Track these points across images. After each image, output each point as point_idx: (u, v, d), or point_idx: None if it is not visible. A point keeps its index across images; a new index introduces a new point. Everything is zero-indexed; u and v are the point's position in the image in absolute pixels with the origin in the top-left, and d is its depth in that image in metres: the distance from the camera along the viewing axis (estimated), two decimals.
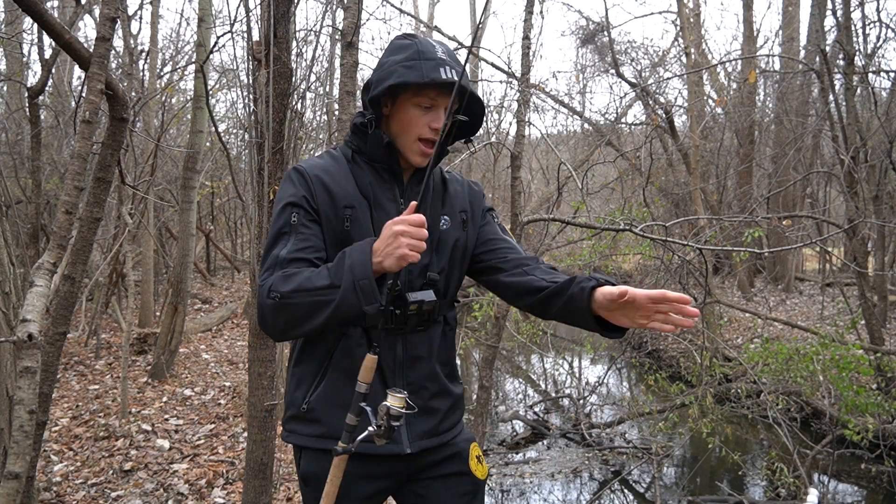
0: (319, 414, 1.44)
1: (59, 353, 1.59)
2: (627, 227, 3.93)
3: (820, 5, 7.26)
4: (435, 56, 1.38)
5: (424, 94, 1.38)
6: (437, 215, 1.48)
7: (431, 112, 1.40)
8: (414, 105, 1.40)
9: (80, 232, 1.55)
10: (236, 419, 5.05)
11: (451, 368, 1.56)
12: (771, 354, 5.14)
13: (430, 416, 1.49)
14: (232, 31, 3.14)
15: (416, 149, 1.42)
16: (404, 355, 1.45)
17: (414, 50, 1.39)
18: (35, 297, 1.21)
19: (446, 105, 1.39)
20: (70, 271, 1.56)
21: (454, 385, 1.56)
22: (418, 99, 1.39)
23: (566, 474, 5.16)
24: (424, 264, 1.44)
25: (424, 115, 1.40)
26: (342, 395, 1.41)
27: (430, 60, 1.37)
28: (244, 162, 10.91)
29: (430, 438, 1.49)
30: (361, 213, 1.42)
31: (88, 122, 1.32)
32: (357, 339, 1.43)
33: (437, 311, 1.47)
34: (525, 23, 3.98)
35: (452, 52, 1.44)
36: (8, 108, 9.22)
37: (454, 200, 1.53)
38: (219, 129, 9.69)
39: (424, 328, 1.47)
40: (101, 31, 1.37)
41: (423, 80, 1.34)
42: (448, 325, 1.54)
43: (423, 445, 1.47)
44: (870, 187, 6.58)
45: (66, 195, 1.34)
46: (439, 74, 1.35)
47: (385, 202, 1.44)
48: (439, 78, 1.34)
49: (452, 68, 1.38)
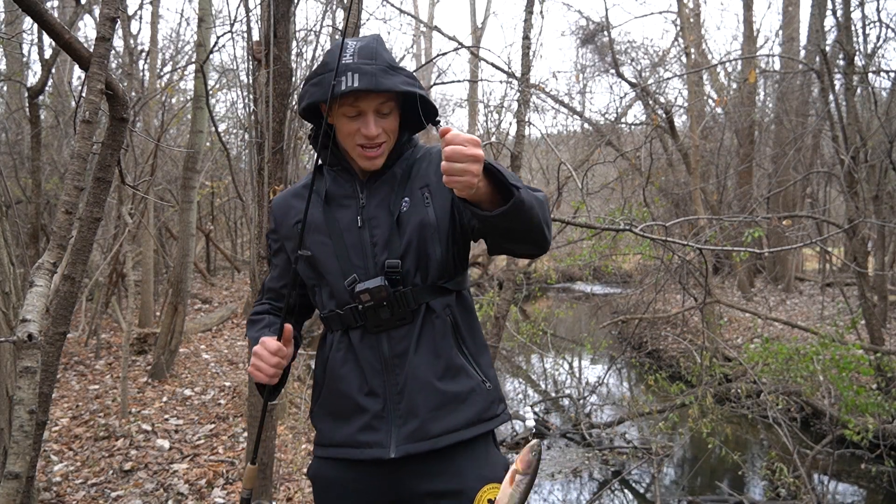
0: (316, 420, 1.49)
1: (59, 353, 1.59)
2: (627, 227, 3.92)
3: (820, 5, 7.26)
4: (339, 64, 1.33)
5: (344, 104, 1.35)
6: (399, 199, 1.43)
7: (360, 118, 1.37)
8: (341, 115, 1.38)
9: (80, 232, 1.55)
10: (236, 419, 5.05)
11: (447, 362, 1.39)
12: (771, 354, 5.15)
13: (419, 416, 1.37)
14: (232, 31, 3.14)
15: (359, 155, 1.40)
16: (390, 353, 1.39)
17: (321, 63, 1.38)
18: (35, 297, 1.21)
19: (376, 106, 1.36)
20: (70, 271, 1.56)
21: (448, 382, 1.38)
22: (343, 110, 1.36)
23: (566, 474, 5.16)
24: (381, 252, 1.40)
25: (353, 123, 1.37)
26: (331, 402, 1.45)
27: (332, 71, 1.33)
28: (244, 162, 10.92)
29: (418, 442, 1.36)
30: (315, 219, 1.44)
31: (88, 122, 1.32)
32: (337, 343, 1.44)
33: (411, 299, 1.38)
34: (525, 23, 3.98)
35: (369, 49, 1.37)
36: (8, 108, 9.22)
37: (417, 179, 1.45)
38: (219, 129, 9.70)
39: (409, 320, 1.38)
40: (101, 31, 1.37)
41: (326, 95, 1.31)
42: (434, 313, 1.39)
43: (409, 450, 1.35)
44: (870, 187, 6.58)
45: (66, 195, 1.34)
46: (339, 86, 1.31)
47: (342, 199, 1.45)
48: (339, 90, 1.31)
49: (356, 73, 1.31)
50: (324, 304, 1.47)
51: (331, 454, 1.44)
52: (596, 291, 13.51)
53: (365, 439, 1.38)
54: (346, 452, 1.41)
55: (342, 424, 1.42)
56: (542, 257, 14.04)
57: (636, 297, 9.61)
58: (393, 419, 1.37)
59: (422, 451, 1.36)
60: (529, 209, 1.22)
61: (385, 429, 1.38)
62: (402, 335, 1.39)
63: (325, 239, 1.43)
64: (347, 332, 1.42)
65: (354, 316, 1.40)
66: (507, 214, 1.19)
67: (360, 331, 1.41)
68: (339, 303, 1.43)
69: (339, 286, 1.42)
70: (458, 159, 1.12)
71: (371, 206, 1.42)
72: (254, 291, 2.81)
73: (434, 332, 1.39)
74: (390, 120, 1.40)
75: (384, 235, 1.40)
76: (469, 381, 1.40)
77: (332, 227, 1.43)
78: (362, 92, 1.32)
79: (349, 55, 1.34)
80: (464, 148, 1.12)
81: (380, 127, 1.37)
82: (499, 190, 1.22)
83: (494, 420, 1.43)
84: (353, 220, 1.42)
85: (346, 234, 1.42)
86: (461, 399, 1.39)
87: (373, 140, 1.37)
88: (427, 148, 1.52)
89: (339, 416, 1.43)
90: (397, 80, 1.35)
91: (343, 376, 1.42)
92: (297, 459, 4.25)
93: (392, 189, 1.44)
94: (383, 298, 1.36)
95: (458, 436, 1.37)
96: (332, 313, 1.45)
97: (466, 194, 1.17)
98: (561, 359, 9.24)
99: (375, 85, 1.31)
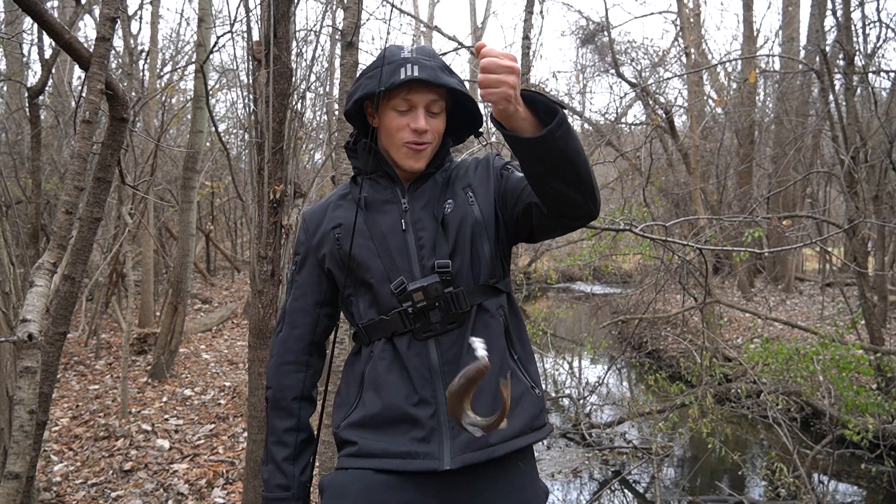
0: (349, 435, 1.37)
1: (59, 353, 1.59)
2: (627, 227, 3.92)
3: (820, 5, 7.26)
4: (397, 58, 1.33)
5: (396, 97, 1.33)
6: (443, 201, 1.40)
7: (410, 113, 1.35)
8: (391, 109, 1.35)
9: (80, 232, 1.55)
10: (236, 419, 5.04)
11: (500, 364, 1.33)
12: (771, 354, 5.14)
13: None
14: (232, 31, 3.14)
15: (405, 153, 1.37)
16: (440, 360, 1.32)
17: (378, 58, 1.37)
18: (35, 297, 1.21)
19: (428, 102, 1.34)
20: (70, 271, 1.56)
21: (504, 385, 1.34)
22: (393, 103, 1.34)
23: (566, 474, 5.15)
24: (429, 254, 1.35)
25: (403, 118, 1.35)
26: (373, 415, 1.34)
27: (391, 64, 1.32)
28: (244, 162, 10.92)
29: (476, 451, 1.29)
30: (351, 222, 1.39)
31: (88, 122, 1.32)
32: (379, 352, 1.35)
33: (463, 300, 1.33)
34: (525, 23, 3.98)
35: (427, 49, 1.38)
36: (8, 108, 9.22)
37: (458, 181, 1.43)
38: (219, 129, 9.70)
39: (458, 324, 1.32)
40: (101, 31, 1.37)
41: (383, 86, 1.30)
42: (488, 313, 1.35)
43: (466, 460, 1.28)
44: (870, 187, 6.58)
45: (66, 195, 1.34)
46: (398, 76, 1.30)
47: (382, 204, 1.40)
48: (398, 80, 1.29)
49: (416, 65, 1.31)
50: (361, 315, 1.39)
51: (373, 465, 1.31)
52: (596, 291, 13.51)
53: (416, 450, 1.29)
54: (394, 464, 1.30)
55: (387, 436, 1.32)
56: (542, 257, 14.03)
57: (636, 297, 9.61)
58: (445, 430, 1.30)
59: (481, 460, 1.29)
60: (575, 140, 1.18)
61: (437, 440, 1.29)
62: (453, 340, 1.32)
63: (366, 242, 1.37)
64: (392, 339, 1.34)
65: (403, 320, 1.32)
66: (551, 138, 1.14)
67: (407, 337, 1.33)
68: (382, 309, 1.36)
69: (383, 290, 1.35)
70: (494, 69, 1.10)
71: (415, 210, 1.38)
72: (254, 291, 2.80)
73: (488, 332, 1.33)
74: (438, 121, 1.38)
75: (430, 238, 1.36)
76: (519, 385, 1.36)
77: (374, 230, 1.38)
78: (417, 84, 1.31)
79: (407, 51, 1.35)
80: (499, 59, 1.10)
81: (428, 123, 1.35)
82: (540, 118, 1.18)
83: (543, 429, 1.39)
84: (395, 224, 1.37)
85: (389, 236, 1.37)
86: (516, 406, 1.33)
87: (421, 135, 1.35)
88: (461, 159, 1.53)
89: (383, 428, 1.33)
90: (454, 80, 1.35)
91: (388, 385, 1.33)
92: None
93: (434, 194, 1.41)
94: (437, 298, 1.30)
95: (513, 444, 1.32)
96: (372, 322, 1.37)
97: (505, 112, 1.14)
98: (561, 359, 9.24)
99: (435, 77, 1.30)
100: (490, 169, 1.45)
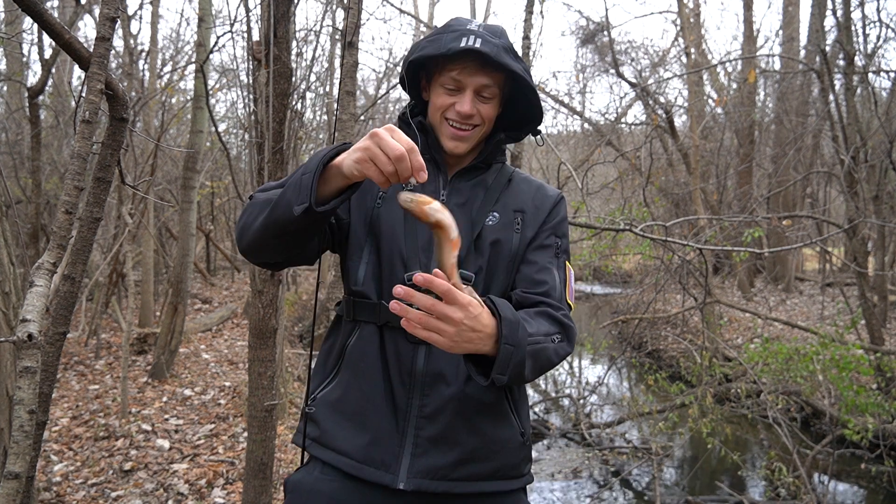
0: (320, 415, 1.25)
1: (59, 353, 1.59)
2: (627, 227, 3.92)
3: (820, 5, 7.26)
4: (461, 27, 1.20)
5: (447, 72, 1.21)
6: (487, 211, 1.27)
7: (458, 94, 1.22)
8: (440, 86, 1.23)
9: (80, 232, 1.55)
10: (236, 419, 5.04)
11: (493, 401, 1.21)
12: (771, 354, 5.14)
13: (445, 451, 1.18)
14: (232, 31, 3.14)
15: (445, 131, 1.25)
16: (424, 369, 1.19)
17: (444, 25, 1.25)
18: (35, 297, 1.21)
19: (479, 86, 1.21)
20: (70, 271, 1.56)
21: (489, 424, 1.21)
22: (442, 80, 1.22)
23: (566, 474, 5.15)
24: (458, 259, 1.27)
25: (450, 97, 1.23)
26: (348, 400, 1.22)
27: (454, 32, 1.19)
28: (244, 162, 10.92)
29: (435, 480, 1.17)
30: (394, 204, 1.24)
31: (88, 122, 1.32)
32: (368, 336, 1.22)
33: None
34: (525, 23, 3.98)
35: (497, 28, 1.25)
36: (8, 108, 9.23)
37: (512, 198, 1.30)
38: (219, 129, 9.70)
39: None
40: (101, 31, 1.36)
41: (439, 50, 1.17)
42: None
43: (422, 486, 1.16)
44: (870, 187, 6.57)
45: (66, 195, 1.34)
46: (457, 43, 1.16)
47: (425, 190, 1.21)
48: (456, 47, 1.15)
49: (480, 38, 1.17)
50: (359, 281, 1.24)
51: (329, 459, 1.22)
52: (596, 291, 13.52)
53: (374, 456, 1.18)
54: (348, 465, 1.19)
55: (352, 429, 1.20)
56: None
57: (636, 297, 9.61)
58: (408, 443, 1.18)
59: (437, 491, 1.17)
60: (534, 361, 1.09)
61: (396, 451, 1.17)
62: (446, 355, 1.17)
63: (400, 219, 1.24)
64: (382, 329, 1.22)
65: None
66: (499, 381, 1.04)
67: (399, 334, 1.19)
68: (384, 294, 1.22)
69: (394, 274, 1.21)
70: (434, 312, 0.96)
71: (450, 206, 1.20)
72: (254, 291, 2.80)
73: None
74: (490, 106, 1.24)
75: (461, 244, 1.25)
76: (509, 429, 1.24)
77: (410, 224, 1.24)
78: (472, 64, 1.18)
79: (474, 24, 1.22)
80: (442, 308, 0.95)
81: (475, 108, 1.22)
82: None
83: (519, 480, 1.26)
84: None
85: (419, 226, 1.22)
86: (496, 447, 1.22)
87: (466, 119, 1.23)
88: (538, 180, 1.38)
89: (351, 417, 1.21)
90: (517, 65, 1.21)
91: (367, 375, 1.21)
92: (297, 459, 4.25)
93: (477, 195, 1.28)
94: None
95: (480, 486, 1.20)
96: (367, 302, 1.23)
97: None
98: None
99: (496, 54, 1.16)
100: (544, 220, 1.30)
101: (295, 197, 1.03)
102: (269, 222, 1.08)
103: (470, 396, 1.19)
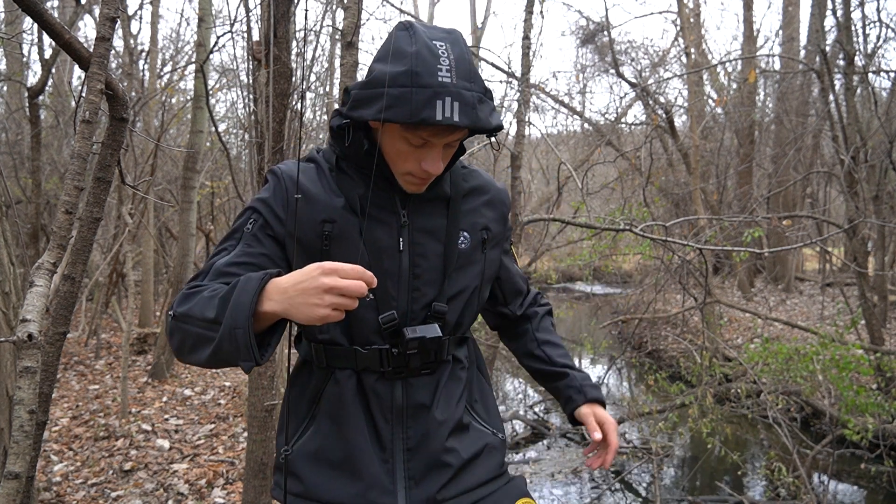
0: (300, 468, 1.19)
1: (59, 353, 1.59)
2: (627, 227, 3.93)
3: (820, 5, 7.25)
4: (433, 79, 1.02)
5: (414, 129, 1.06)
6: (456, 231, 1.20)
7: (424, 149, 1.09)
8: (401, 139, 1.09)
9: (80, 232, 1.55)
10: (236, 419, 5.05)
11: (463, 419, 1.24)
12: (771, 354, 5.14)
13: (436, 477, 1.19)
14: (232, 31, 3.14)
15: (405, 181, 1.15)
16: (404, 403, 1.18)
17: (407, 68, 1.02)
18: (35, 297, 1.21)
19: (451, 140, 1.10)
20: (70, 271, 1.56)
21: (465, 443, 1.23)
22: (407, 135, 1.07)
23: (566, 474, 5.15)
24: (426, 289, 1.18)
25: (415, 152, 1.10)
26: (331, 448, 1.18)
27: (425, 88, 1.01)
28: (244, 162, 10.91)
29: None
30: (347, 230, 1.14)
31: (88, 122, 1.32)
32: (345, 382, 1.18)
33: (445, 349, 1.21)
34: (525, 23, 3.98)
35: (467, 67, 1.05)
36: (8, 108, 9.23)
37: (475, 214, 1.25)
38: (219, 129, 9.70)
39: (430, 371, 1.20)
40: (101, 31, 1.37)
41: (413, 119, 1.01)
42: (460, 364, 1.25)
43: None
44: (870, 187, 6.57)
45: (66, 195, 1.34)
46: (433, 113, 1.00)
47: (381, 214, 1.16)
48: (432, 119, 1.00)
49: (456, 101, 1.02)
50: (324, 328, 1.17)
51: None
52: (596, 291, 13.51)
53: (369, 499, 1.16)
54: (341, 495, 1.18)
55: (341, 479, 1.17)
56: (542, 257, 13.92)
57: (636, 297, 9.61)
58: (399, 478, 1.18)
59: None
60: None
61: (390, 489, 1.17)
62: (422, 385, 1.19)
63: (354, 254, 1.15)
64: (360, 373, 1.18)
65: (382, 360, 1.16)
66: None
67: (376, 375, 1.17)
68: (358, 339, 1.17)
69: (366, 318, 1.15)
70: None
71: (415, 229, 1.17)
72: None
73: (456, 384, 1.23)
74: (453, 149, 1.15)
75: (432, 271, 1.18)
76: (482, 437, 1.26)
77: (372, 245, 1.16)
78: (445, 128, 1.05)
79: (445, 69, 1.03)
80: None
81: (442, 160, 1.12)
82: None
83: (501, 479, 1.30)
84: (392, 241, 1.16)
85: (384, 255, 1.16)
86: (480, 458, 1.25)
87: (431, 176, 1.14)
88: (486, 178, 1.30)
89: (338, 468, 1.18)
90: (489, 109, 1.08)
91: (349, 420, 1.17)
92: None
93: (440, 213, 1.21)
94: (434, 350, 1.18)
95: (476, 494, 1.24)
96: (340, 349, 1.17)
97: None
98: None
99: (474, 121, 1.04)
100: (505, 228, 1.31)
101: (235, 353, 0.99)
102: (218, 361, 1.04)
103: (448, 419, 1.21)
